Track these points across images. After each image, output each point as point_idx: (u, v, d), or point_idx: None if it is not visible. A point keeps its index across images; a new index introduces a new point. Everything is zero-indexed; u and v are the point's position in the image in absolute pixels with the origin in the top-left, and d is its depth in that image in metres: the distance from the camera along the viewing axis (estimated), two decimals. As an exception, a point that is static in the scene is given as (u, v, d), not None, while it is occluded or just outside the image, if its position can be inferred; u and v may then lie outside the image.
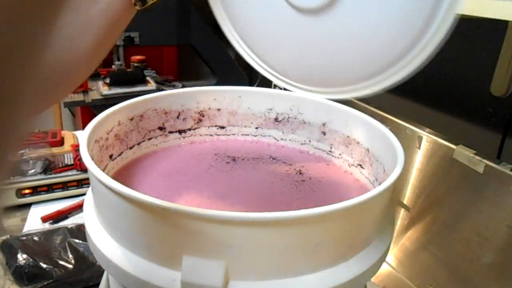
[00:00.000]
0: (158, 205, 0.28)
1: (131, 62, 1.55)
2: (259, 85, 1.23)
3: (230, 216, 0.28)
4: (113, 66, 1.52)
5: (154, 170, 0.47)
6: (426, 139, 0.66)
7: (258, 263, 0.30)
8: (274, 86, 1.08)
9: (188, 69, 1.92)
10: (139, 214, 0.30)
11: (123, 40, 1.52)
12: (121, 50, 1.54)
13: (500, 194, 0.56)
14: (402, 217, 0.71)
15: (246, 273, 0.30)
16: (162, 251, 0.31)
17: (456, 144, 0.62)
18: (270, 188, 0.45)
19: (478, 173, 0.58)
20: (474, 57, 0.72)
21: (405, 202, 0.70)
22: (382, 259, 0.36)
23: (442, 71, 0.78)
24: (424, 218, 0.68)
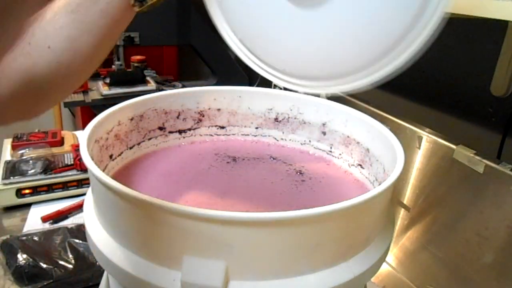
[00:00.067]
0: (158, 205, 0.28)
1: (131, 62, 1.55)
2: (259, 85, 1.23)
3: (230, 216, 0.28)
4: (113, 66, 1.52)
5: (154, 170, 0.47)
6: (426, 139, 0.66)
7: (258, 263, 0.30)
8: (274, 86, 1.08)
9: (188, 69, 1.92)
10: (139, 214, 0.30)
11: (123, 40, 1.52)
12: (121, 50, 1.54)
13: (500, 194, 0.56)
14: (402, 217, 0.71)
15: (246, 273, 0.30)
16: (162, 251, 0.31)
17: (456, 144, 0.62)
18: (270, 188, 0.45)
19: (478, 173, 0.58)
20: (474, 57, 0.72)
21: (405, 202, 0.70)
22: (382, 259, 0.36)
23: (442, 71, 0.78)
24: (424, 218, 0.68)
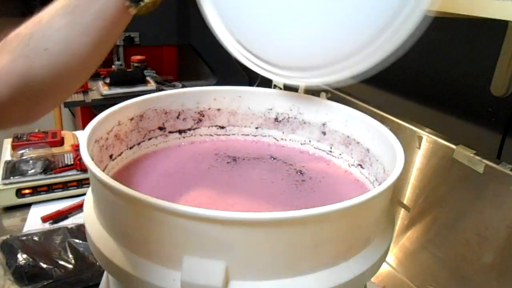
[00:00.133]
0: (158, 205, 0.28)
1: (131, 62, 1.55)
2: (259, 85, 1.23)
3: (230, 216, 0.28)
4: (113, 66, 1.52)
5: (154, 170, 0.47)
6: (426, 139, 0.66)
7: (258, 263, 0.30)
8: (274, 86, 1.08)
9: (188, 69, 1.92)
10: (139, 214, 0.30)
11: (123, 40, 1.52)
12: (121, 50, 1.54)
13: (500, 194, 0.56)
14: (402, 217, 0.71)
15: (246, 273, 0.30)
16: (162, 251, 0.31)
17: (456, 144, 0.62)
18: (270, 188, 0.45)
19: (478, 173, 0.58)
20: (474, 57, 0.72)
21: (405, 202, 0.70)
22: (382, 259, 0.36)
23: (442, 71, 0.78)
24: (424, 218, 0.68)
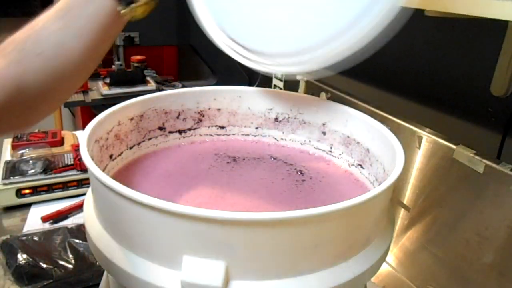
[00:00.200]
0: (158, 205, 0.28)
1: (131, 62, 1.55)
2: (259, 85, 1.23)
3: (230, 216, 0.28)
4: (113, 66, 1.52)
5: (154, 170, 0.47)
6: (426, 139, 0.66)
7: (258, 263, 0.30)
8: (274, 86, 1.08)
9: (188, 69, 1.92)
10: (139, 214, 0.30)
11: (123, 40, 1.52)
12: (121, 50, 1.55)
13: (500, 194, 0.56)
14: (402, 217, 0.71)
15: (246, 273, 0.30)
16: (162, 251, 0.31)
17: (456, 144, 0.62)
18: (270, 188, 0.45)
19: (478, 173, 0.58)
20: (474, 57, 0.72)
21: (405, 202, 0.70)
22: (382, 259, 0.36)
23: (442, 71, 0.78)
24: (424, 218, 0.68)
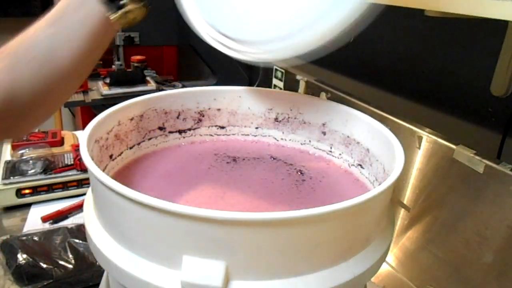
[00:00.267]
0: (158, 205, 0.28)
1: (131, 62, 1.55)
2: (259, 85, 1.23)
3: (230, 216, 0.28)
4: (113, 66, 1.52)
5: (154, 170, 0.47)
6: (426, 139, 0.66)
7: (258, 263, 0.30)
8: (274, 86, 1.08)
9: (188, 69, 1.92)
10: (139, 214, 0.30)
11: (123, 40, 1.52)
12: (121, 50, 1.55)
13: (500, 194, 0.56)
14: (402, 217, 0.71)
15: (246, 273, 0.30)
16: (162, 251, 0.31)
17: (456, 144, 0.62)
18: (270, 188, 0.45)
19: (478, 173, 0.58)
20: (474, 57, 0.72)
21: (405, 202, 0.70)
22: (382, 259, 0.36)
23: (442, 71, 0.78)
24: (424, 218, 0.68)
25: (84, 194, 0.71)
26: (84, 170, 0.80)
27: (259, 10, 0.43)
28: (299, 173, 0.49)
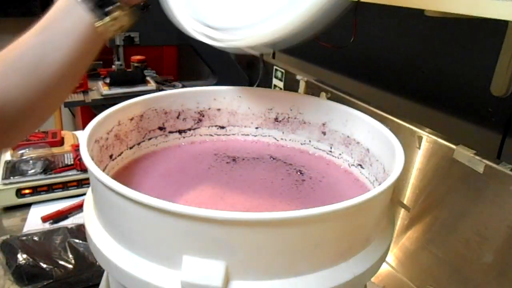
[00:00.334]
0: (158, 205, 0.28)
1: (131, 62, 1.55)
2: (259, 85, 1.23)
3: (230, 216, 0.28)
4: (113, 66, 1.52)
5: (154, 170, 0.47)
6: (426, 139, 0.66)
7: (258, 263, 0.30)
8: (274, 86, 1.08)
9: (188, 69, 1.92)
10: (139, 214, 0.30)
11: (123, 40, 1.52)
12: (121, 50, 1.54)
13: (500, 194, 0.56)
14: (402, 217, 0.71)
15: (246, 273, 0.30)
16: (162, 251, 0.31)
17: (456, 144, 0.62)
18: (270, 188, 0.45)
19: (478, 173, 0.58)
20: (474, 57, 0.72)
21: (405, 202, 0.70)
22: (382, 259, 0.36)
23: (442, 71, 0.78)
24: (424, 218, 0.68)
25: (84, 194, 0.71)
26: (84, 170, 0.80)
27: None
28: (299, 173, 0.49)
